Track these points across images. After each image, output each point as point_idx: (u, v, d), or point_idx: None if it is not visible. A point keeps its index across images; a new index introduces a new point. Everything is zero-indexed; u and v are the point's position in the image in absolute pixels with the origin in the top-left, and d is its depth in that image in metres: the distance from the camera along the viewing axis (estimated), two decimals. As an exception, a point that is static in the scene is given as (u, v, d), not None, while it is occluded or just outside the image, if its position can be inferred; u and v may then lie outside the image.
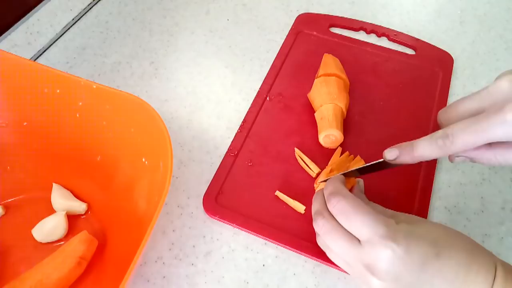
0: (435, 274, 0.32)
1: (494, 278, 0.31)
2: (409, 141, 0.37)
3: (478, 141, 0.34)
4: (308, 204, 0.44)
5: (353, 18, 0.60)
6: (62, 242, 0.43)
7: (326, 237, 0.35)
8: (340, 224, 0.35)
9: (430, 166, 0.47)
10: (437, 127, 0.49)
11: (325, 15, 0.61)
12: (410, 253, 0.32)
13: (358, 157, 0.45)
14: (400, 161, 0.38)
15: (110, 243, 0.42)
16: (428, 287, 0.32)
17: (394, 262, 0.32)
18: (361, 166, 0.41)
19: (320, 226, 0.36)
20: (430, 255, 0.32)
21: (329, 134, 0.46)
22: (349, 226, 0.34)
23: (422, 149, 0.36)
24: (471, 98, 0.36)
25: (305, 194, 0.45)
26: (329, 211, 0.36)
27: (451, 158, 0.39)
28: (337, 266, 0.40)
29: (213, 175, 0.46)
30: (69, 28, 0.62)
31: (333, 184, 0.37)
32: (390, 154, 0.38)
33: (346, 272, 0.38)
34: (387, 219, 0.34)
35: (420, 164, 0.47)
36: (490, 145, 0.36)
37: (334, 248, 0.35)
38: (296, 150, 0.48)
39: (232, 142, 0.49)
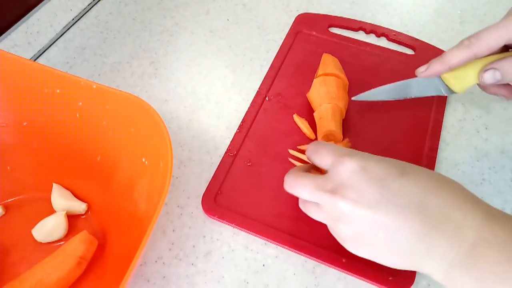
0: (398, 191, 0.31)
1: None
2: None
3: (501, 38, 0.37)
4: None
5: (353, 18, 0.60)
6: (62, 242, 0.43)
7: (294, 188, 0.36)
8: (306, 173, 0.36)
9: (429, 166, 0.47)
10: (436, 127, 0.50)
11: (324, 15, 0.61)
12: (369, 168, 0.32)
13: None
14: (431, 71, 0.41)
15: (110, 243, 0.42)
16: (393, 207, 0.31)
17: (353, 175, 0.32)
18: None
19: (287, 183, 0.37)
20: (393, 173, 0.32)
21: (328, 134, 0.46)
22: (319, 159, 0.36)
23: (450, 53, 0.39)
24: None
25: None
26: (295, 171, 0.37)
27: (480, 76, 0.40)
28: (337, 266, 0.40)
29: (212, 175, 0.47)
30: (69, 28, 0.62)
31: (315, 142, 0.38)
32: (421, 69, 0.42)
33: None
34: (353, 150, 0.35)
35: (419, 164, 0.47)
36: None
37: (303, 194, 0.35)
38: (291, 151, 0.48)
39: (231, 142, 0.49)
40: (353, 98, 0.48)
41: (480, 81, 0.40)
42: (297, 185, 0.36)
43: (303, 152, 0.48)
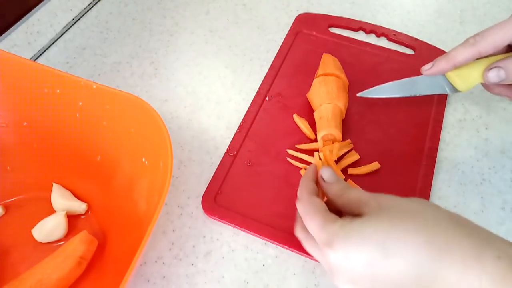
0: (386, 280, 0.29)
1: None
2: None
3: (506, 36, 0.37)
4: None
5: (353, 18, 0.60)
6: (62, 242, 0.43)
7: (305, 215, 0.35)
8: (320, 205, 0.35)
9: (429, 166, 0.47)
10: (436, 127, 0.50)
11: (324, 15, 0.61)
12: (350, 259, 0.30)
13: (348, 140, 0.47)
14: (436, 68, 0.41)
15: (110, 243, 0.42)
16: None
17: (340, 268, 0.31)
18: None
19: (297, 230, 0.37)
20: (376, 258, 0.29)
21: (328, 134, 0.46)
22: (309, 229, 0.34)
23: (455, 51, 0.39)
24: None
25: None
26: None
27: (485, 75, 0.40)
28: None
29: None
30: (69, 28, 0.62)
31: (301, 184, 0.37)
32: (426, 67, 0.42)
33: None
34: (331, 222, 0.32)
35: (419, 164, 0.47)
36: None
37: (311, 230, 0.34)
38: (290, 151, 0.48)
39: (231, 142, 0.49)
40: (358, 94, 0.47)
41: (485, 80, 0.40)
42: (309, 219, 0.34)
43: (301, 151, 0.48)
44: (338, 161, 0.46)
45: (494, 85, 0.41)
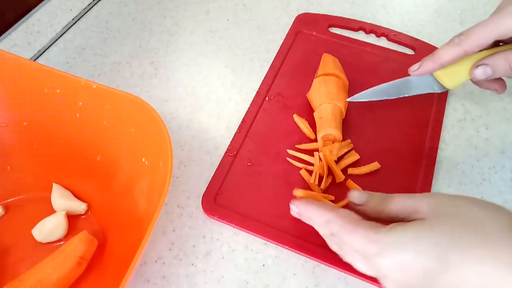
0: None
1: None
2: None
3: (490, 35, 0.37)
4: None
5: (353, 18, 0.60)
6: (62, 242, 0.43)
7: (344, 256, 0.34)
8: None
9: (429, 166, 0.47)
10: (436, 127, 0.50)
11: (324, 15, 0.61)
12: (407, 270, 0.29)
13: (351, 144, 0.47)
14: (423, 69, 0.41)
15: (110, 243, 0.42)
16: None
17: (394, 276, 0.30)
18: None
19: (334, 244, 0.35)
20: (435, 269, 0.28)
21: (328, 134, 0.46)
22: (350, 243, 0.33)
23: (441, 50, 0.40)
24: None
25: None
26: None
27: (472, 72, 0.40)
28: (337, 266, 0.40)
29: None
30: (69, 28, 0.62)
31: (318, 208, 0.36)
32: (413, 67, 0.42)
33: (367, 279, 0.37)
34: (375, 231, 0.31)
35: (419, 164, 0.47)
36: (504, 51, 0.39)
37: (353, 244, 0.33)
38: (290, 151, 0.48)
39: (231, 142, 0.49)
40: (348, 100, 0.47)
41: (472, 77, 0.41)
42: (349, 237, 0.33)
43: (301, 151, 0.48)
44: (338, 161, 0.46)
45: (481, 80, 0.42)
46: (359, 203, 0.35)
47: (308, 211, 0.36)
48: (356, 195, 0.36)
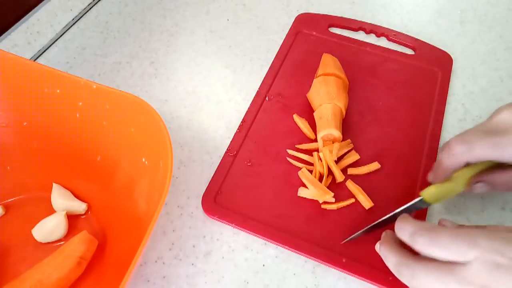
0: None
1: None
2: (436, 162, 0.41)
3: (497, 156, 0.36)
4: (306, 203, 0.44)
5: (353, 18, 0.60)
6: (62, 242, 0.43)
7: (421, 281, 0.32)
8: (428, 260, 0.32)
9: (429, 166, 0.47)
10: (436, 127, 0.50)
11: (324, 15, 0.61)
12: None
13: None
14: (437, 179, 0.40)
15: (110, 243, 0.42)
16: None
17: (495, 275, 0.28)
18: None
19: (409, 275, 0.33)
20: None
21: (328, 134, 0.46)
22: (444, 251, 0.31)
23: (447, 160, 0.39)
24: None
25: (305, 194, 0.45)
26: (408, 256, 0.34)
27: (471, 188, 0.40)
28: (337, 266, 0.40)
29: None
30: (69, 28, 0.62)
31: (408, 222, 0.34)
32: (430, 178, 0.42)
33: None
34: (479, 230, 0.31)
35: (419, 163, 0.47)
36: (505, 168, 0.38)
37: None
38: (290, 151, 0.48)
39: (231, 142, 0.49)
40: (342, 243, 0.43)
41: (470, 191, 0.40)
42: (430, 282, 0.32)
43: (301, 151, 0.48)
44: (338, 161, 0.46)
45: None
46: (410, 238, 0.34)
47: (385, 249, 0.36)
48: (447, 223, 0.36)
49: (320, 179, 0.45)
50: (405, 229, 0.34)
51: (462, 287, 0.30)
